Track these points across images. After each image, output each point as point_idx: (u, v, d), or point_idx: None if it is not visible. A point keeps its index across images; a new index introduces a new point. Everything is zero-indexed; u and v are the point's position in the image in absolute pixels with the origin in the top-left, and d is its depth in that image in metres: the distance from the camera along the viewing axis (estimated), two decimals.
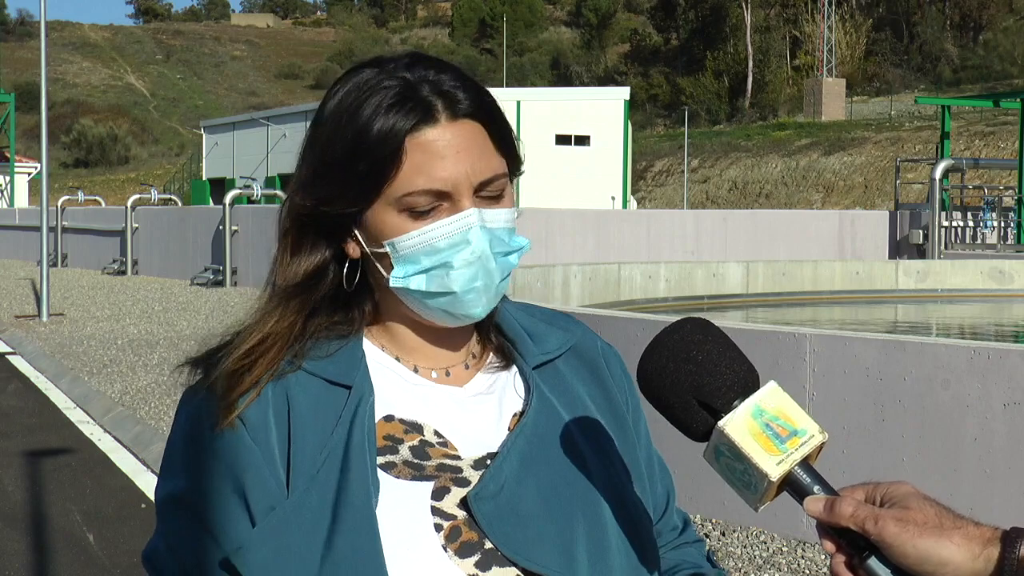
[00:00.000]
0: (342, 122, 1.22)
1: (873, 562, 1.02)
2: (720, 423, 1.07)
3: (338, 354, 1.24)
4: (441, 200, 1.20)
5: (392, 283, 1.23)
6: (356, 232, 1.24)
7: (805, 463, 1.06)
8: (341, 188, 1.22)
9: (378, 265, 1.24)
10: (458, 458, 1.24)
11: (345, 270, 1.26)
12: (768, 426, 1.06)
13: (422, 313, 1.25)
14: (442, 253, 1.21)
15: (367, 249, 1.24)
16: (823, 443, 1.07)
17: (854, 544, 1.03)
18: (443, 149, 1.20)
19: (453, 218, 1.20)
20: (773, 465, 1.05)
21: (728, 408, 1.08)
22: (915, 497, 1.03)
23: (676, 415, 1.11)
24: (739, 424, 1.06)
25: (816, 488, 1.06)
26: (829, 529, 1.05)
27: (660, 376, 1.11)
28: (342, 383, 1.22)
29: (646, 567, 1.28)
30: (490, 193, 1.23)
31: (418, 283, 1.22)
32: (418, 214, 1.20)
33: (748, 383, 1.09)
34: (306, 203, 1.24)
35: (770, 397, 1.08)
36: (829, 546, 1.05)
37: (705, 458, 1.10)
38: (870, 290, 15.84)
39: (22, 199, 50.30)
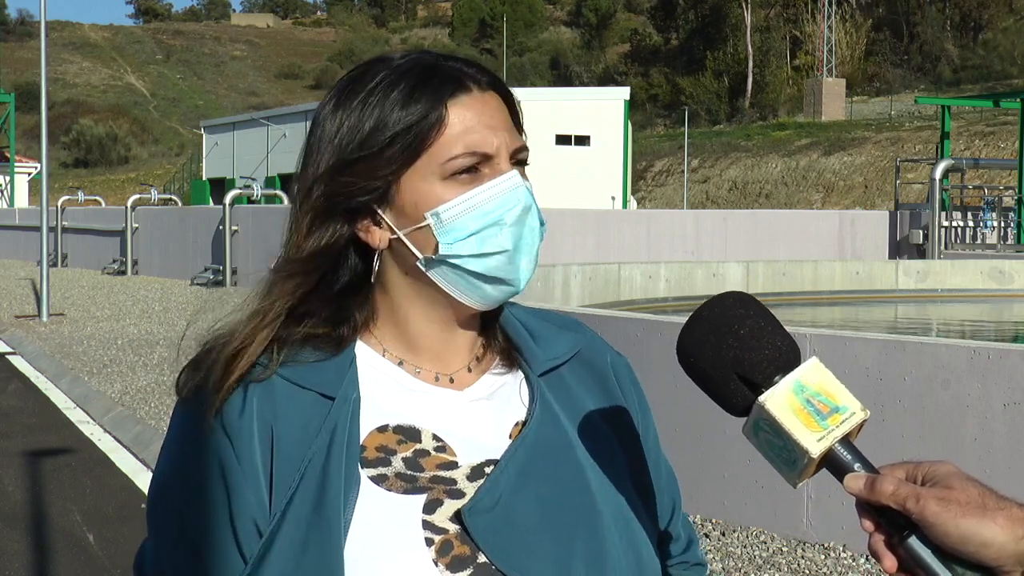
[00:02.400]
0: (367, 104, 1.21)
1: (913, 541, 1.01)
2: (761, 398, 1.06)
3: (326, 364, 1.21)
4: (482, 165, 1.21)
5: (442, 250, 1.20)
6: (381, 213, 1.22)
7: (846, 440, 1.05)
8: (372, 166, 1.20)
9: (410, 246, 1.22)
10: (455, 465, 1.22)
11: (375, 260, 1.24)
12: (809, 402, 1.05)
13: (459, 290, 1.22)
14: (491, 214, 1.20)
15: (398, 231, 1.22)
16: (864, 420, 1.06)
17: (894, 523, 1.02)
18: (480, 114, 1.21)
19: (499, 179, 1.21)
20: (814, 442, 1.04)
21: (769, 383, 1.06)
22: (958, 477, 1.02)
23: (716, 389, 1.10)
24: (780, 400, 1.05)
25: (857, 466, 1.05)
26: (868, 507, 1.04)
27: (700, 350, 1.10)
28: (327, 394, 1.20)
29: None
30: (520, 160, 1.25)
31: (469, 247, 1.20)
32: (462, 179, 1.20)
33: (790, 358, 1.08)
34: (327, 191, 1.21)
35: (811, 373, 1.06)
36: (868, 525, 1.04)
37: (744, 433, 1.09)
38: (870, 290, 15.83)
39: (22, 199, 50.29)
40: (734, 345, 1.08)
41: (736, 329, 1.09)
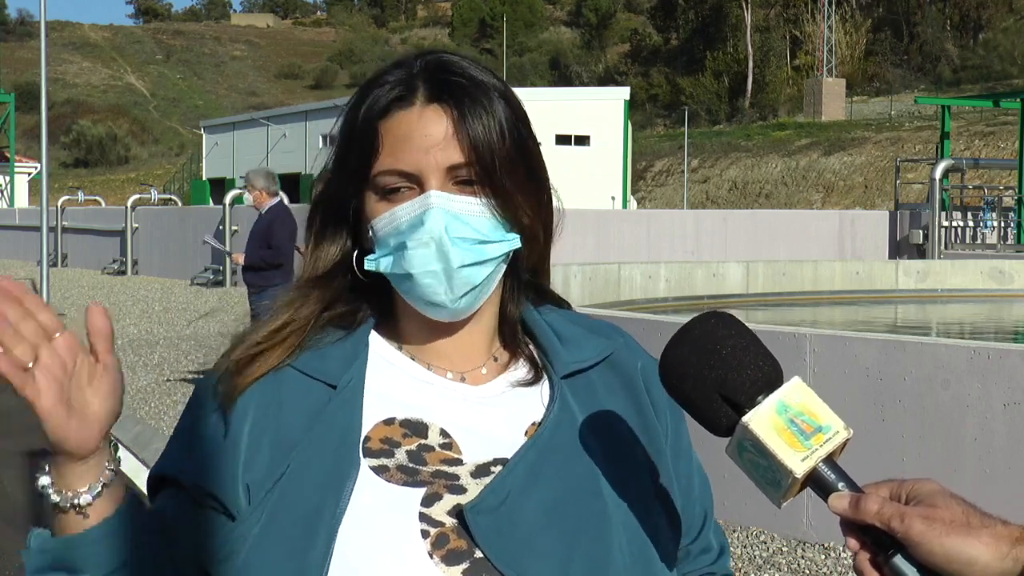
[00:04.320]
0: (345, 120, 1.27)
1: (899, 560, 1.01)
2: (744, 419, 1.06)
3: (334, 351, 1.24)
4: (412, 183, 1.21)
5: (366, 266, 1.24)
6: (361, 220, 1.27)
7: (829, 459, 1.05)
8: (339, 176, 1.26)
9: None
10: (459, 463, 1.21)
11: (354, 260, 1.27)
12: (793, 422, 1.05)
13: (408, 302, 1.25)
14: (402, 234, 1.20)
15: (366, 238, 1.26)
16: (848, 439, 1.06)
17: (879, 542, 1.02)
18: (411, 132, 1.20)
19: (411, 203, 1.20)
20: (798, 461, 1.04)
21: (752, 404, 1.06)
22: (942, 495, 1.02)
23: (699, 410, 1.10)
24: (763, 420, 1.05)
25: (841, 485, 1.05)
26: (854, 527, 1.04)
27: (683, 370, 1.10)
28: (329, 382, 1.22)
29: None
30: (463, 177, 1.21)
31: (385, 264, 1.22)
32: (389, 196, 1.21)
33: (772, 378, 1.08)
34: (320, 193, 1.29)
35: (794, 392, 1.07)
36: (853, 544, 1.04)
37: (728, 454, 1.09)
38: (870, 290, 15.82)
39: (22, 199, 50.29)
40: (716, 366, 1.08)
41: (718, 350, 1.09)
